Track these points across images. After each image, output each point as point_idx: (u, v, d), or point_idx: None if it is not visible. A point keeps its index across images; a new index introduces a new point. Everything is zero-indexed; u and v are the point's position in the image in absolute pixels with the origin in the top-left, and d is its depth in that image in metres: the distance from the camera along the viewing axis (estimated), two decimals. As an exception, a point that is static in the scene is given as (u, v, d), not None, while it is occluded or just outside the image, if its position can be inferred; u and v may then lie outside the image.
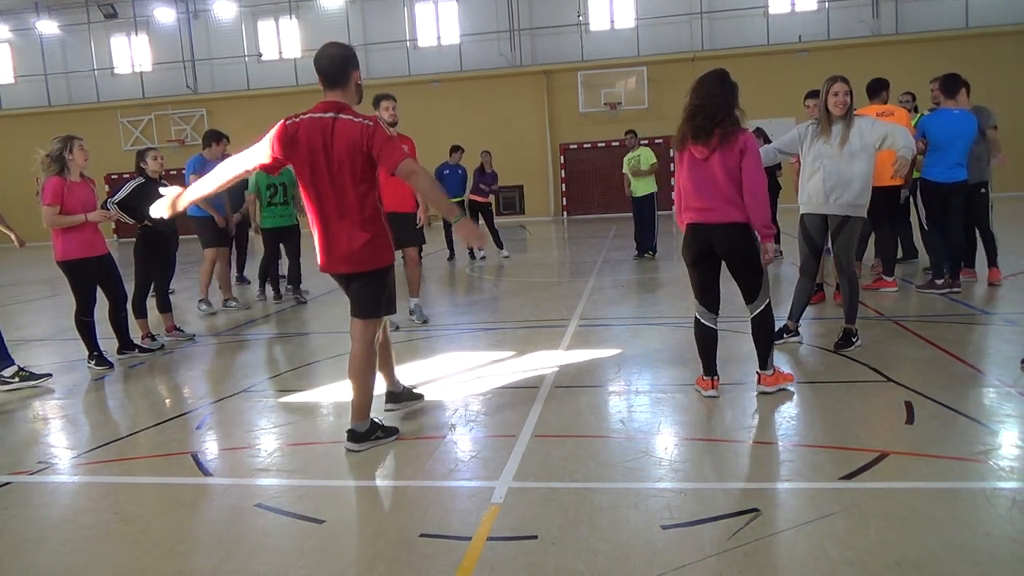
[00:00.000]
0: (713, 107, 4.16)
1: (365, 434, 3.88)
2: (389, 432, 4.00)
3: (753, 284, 4.34)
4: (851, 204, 5.18)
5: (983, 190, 7.26)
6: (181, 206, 3.97)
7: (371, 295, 3.82)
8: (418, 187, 3.68)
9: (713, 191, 4.22)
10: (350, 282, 3.85)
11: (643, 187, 11.31)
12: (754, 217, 4.17)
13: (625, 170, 11.42)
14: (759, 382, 4.42)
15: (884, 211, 6.99)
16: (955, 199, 7.10)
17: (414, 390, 4.59)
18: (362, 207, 3.65)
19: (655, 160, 11.29)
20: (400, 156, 3.55)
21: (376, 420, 3.98)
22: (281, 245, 8.87)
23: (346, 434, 3.88)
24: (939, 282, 7.10)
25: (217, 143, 8.64)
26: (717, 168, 4.18)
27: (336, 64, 3.62)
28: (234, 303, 8.76)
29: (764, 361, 4.41)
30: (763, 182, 4.18)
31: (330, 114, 3.59)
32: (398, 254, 7.12)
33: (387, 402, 4.40)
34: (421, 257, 11.89)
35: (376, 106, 6.66)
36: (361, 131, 3.54)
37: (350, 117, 3.58)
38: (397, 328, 6.86)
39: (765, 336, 4.40)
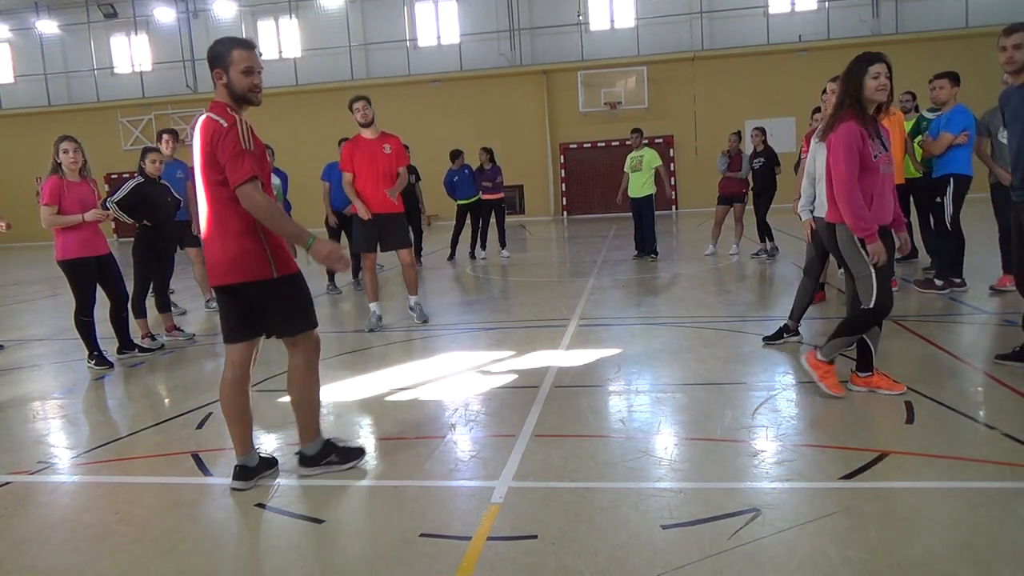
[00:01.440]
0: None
1: (316, 457, 3.50)
2: (347, 456, 3.55)
3: (853, 286, 4.24)
4: None
5: None
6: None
7: (294, 307, 3.39)
8: (256, 215, 3.18)
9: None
10: (263, 304, 3.35)
11: (642, 188, 11.22)
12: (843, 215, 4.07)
13: (627, 168, 11.36)
14: (806, 357, 4.37)
15: None
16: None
17: (265, 455, 3.67)
18: (232, 214, 3.22)
19: (660, 163, 11.26)
20: (244, 175, 3.11)
21: (332, 440, 3.58)
22: None
23: (296, 456, 3.56)
24: (939, 282, 7.09)
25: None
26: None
27: (208, 63, 3.34)
28: (215, 304, 8.76)
29: (824, 346, 4.28)
30: (840, 179, 3.98)
31: (205, 113, 3.30)
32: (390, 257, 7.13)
33: (235, 479, 3.46)
34: (421, 258, 11.94)
35: (350, 110, 6.86)
36: (215, 132, 3.17)
37: (212, 115, 3.23)
38: (370, 330, 6.91)
39: (840, 327, 4.25)
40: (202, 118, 3.28)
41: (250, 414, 3.51)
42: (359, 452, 3.63)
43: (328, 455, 3.52)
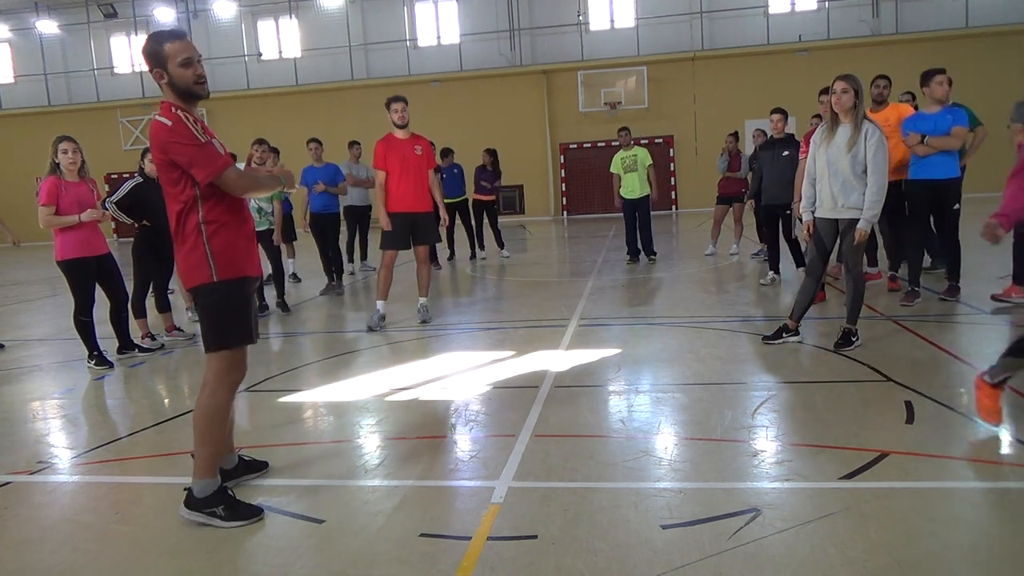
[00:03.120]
0: None
1: (202, 501, 3.08)
2: (237, 513, 3.08)
3: None
4: (859, 207, 5.14)
5: None
6: None
7: (207, 320, 3.17)
8: (246, 193, 3.16)
9: None
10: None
11: (640, 189, 11.04)
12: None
13: (615, 170, 11.12)
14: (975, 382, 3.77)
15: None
16: None
17: (254, 459, 3.66)
18: (181, 217, 3.09)
19: (651, 162, 11.08)
20: (219, 166, 3.03)
21: (228, 490, 3.19)
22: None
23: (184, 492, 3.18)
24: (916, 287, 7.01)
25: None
26: None
27: (147, 65, 3.12)
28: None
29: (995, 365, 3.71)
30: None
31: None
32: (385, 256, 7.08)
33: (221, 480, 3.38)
34: (436, 258, 11.94)
35: (387, 108, 7.01)
36: (159, 134, 3.03)
37: (157, 117, 3.08)
38: (371, 329, 6.89)
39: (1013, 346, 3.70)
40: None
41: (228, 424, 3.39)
42: (253, 512, 3.12)
43: (215, 504, 3.08)
